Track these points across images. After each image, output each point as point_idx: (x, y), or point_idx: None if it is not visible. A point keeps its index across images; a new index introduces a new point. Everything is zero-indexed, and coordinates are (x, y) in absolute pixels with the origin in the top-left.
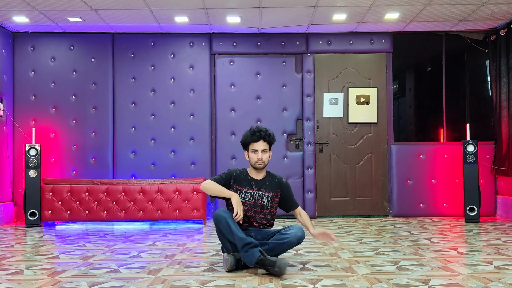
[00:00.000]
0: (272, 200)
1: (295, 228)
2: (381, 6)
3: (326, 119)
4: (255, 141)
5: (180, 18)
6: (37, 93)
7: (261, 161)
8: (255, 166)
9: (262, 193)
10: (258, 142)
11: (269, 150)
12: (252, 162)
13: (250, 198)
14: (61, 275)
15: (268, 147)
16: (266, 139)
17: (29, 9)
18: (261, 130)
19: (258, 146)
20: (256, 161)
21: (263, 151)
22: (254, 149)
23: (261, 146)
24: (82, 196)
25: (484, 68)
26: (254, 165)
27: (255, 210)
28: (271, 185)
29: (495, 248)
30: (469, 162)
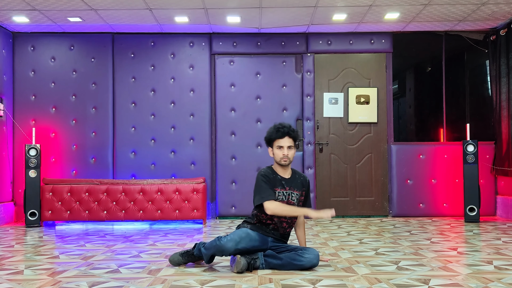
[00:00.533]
0: (299, 199)
1: (313, 254)
2: (381, 6)
3: (326, 119)
4: (280, 138)
5: (180, 18)
6: (37, 93)
7: (286, 157)
8: (281, 162)
9: (292, 191)
10: (284, 139)
11: (294, 147)
12: (277, 158)
13: (283, 198)
14: (61, 275)
15: (293, 144)
16: (291, 135)
17: (29, 9)
18: (286, 126)
19: (284, 142)
20: (281, 157)
21: (288, 147)
22: (280, 146)
23: (287, 142)
24: (82, 196)
25: (484, 68)
26: (279, 161)
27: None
28: (298, 184)
29: (495, 248)
30: (469, 162)
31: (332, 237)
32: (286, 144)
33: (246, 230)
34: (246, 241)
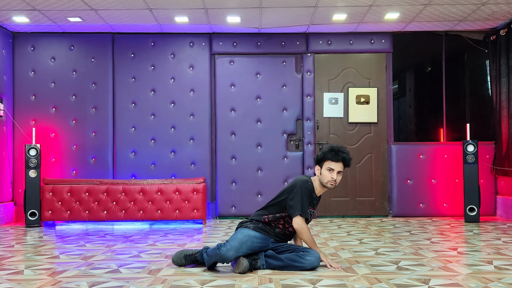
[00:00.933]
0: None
1: (314, 257)
2: (381, 6)
3: (326, 119)
4: (335, 161)
5: (180, 18)
6: (37, 93)
7: (334, 181)
8: (327, 185)
9: (312, 210)
10: (338, 163)
11: (342, 173)
12: (324, 180)
13: (309, 216)
14: (61, 275)
15: (343, 169)
16: (346, 162)
17: (29, 9)
18: (344, 151)
19: (336, 166)
20: (329, 180)
21: (338, 172)
22: (331, 168)
23: (339, 167)
24: (82, 196)
25: (484, 68)
26: (326, 184)
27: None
28: (317, 203)
29: (495, 248)
30: (469, 162)
31: (332, 237)
32: (338, 169)
33: (247, 232)
34: (248, 245)
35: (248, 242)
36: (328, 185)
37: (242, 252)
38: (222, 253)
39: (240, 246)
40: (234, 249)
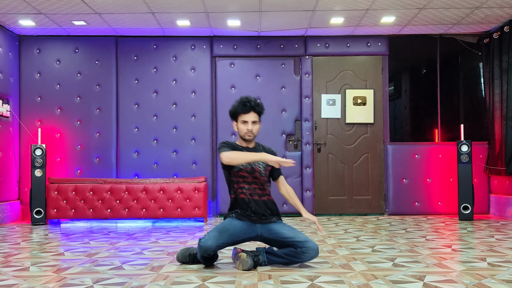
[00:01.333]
0: (266, 167)
1: (313, 250)
2: (377, 10)
3: (324, 120)
4: (245, 112)
5: (182, 22)
6: (43, 94)
7: (251, 132)
8: (245, 137)
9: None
10: (249, 114)
11: (259, 122)
12: (241, 133)
13: (247, 165)
14: (66, 272)
15: (258, 118)
16: (257, 109)
17: (35, 13)
18: (251, 100)
19: (249, 117)
20: (246, 132)
21: (253, 122)
22: (244, 120)
23: (252, 117)
24: (86, 194)
25: (478, 70)
26: (243, 136)
27: (254, 176)
28: (263, 151)
29: (488, 245)
30: (463, 161)
31: (330, 234)
32: (251, 119)
33: (228, 221)
34: (227, 234)
35: (227, 232)
36: (246, 137)
37: (222, 240)
38: (201, 244)
39: (220, 234)
40: (213, 238)
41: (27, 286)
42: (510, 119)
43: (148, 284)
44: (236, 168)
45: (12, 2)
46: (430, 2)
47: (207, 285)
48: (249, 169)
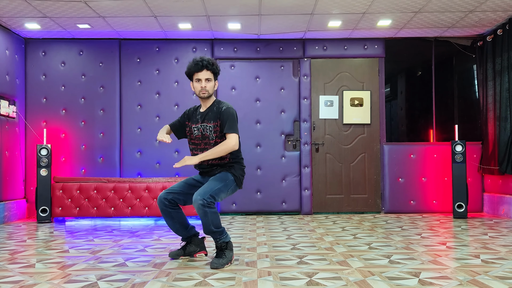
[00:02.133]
0: (214, 130)
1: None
2: (374, 13)
3: (322, 120)
4: (198, 71)
5: (184, 25)
6: (48, 96)
7: (205, 90)
8: (200, 95)
9: (206, 124)
10: (202, 72)
11: (214, 80)
12: (196, 91)
13: (197, 132)
14: (70, 268)
15: (213, 76)
16: (209, 67)
17: (40, 16)
18: (204, 59)
19: (202, 75)
20: (200, 90)
21: (206, 80)
22: (198, 78)
23: (205, 75)
24: (90, 193)
25: (472, 72)
26: (198, 94)
27: (205, 142)
28: (212, 115)
29: (482, 242)
30: (458, 161)
31: (327, 232)
32: (204, 77)
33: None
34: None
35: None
36: (200, 94)
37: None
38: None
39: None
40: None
41: (33, 283)
42: (503, 119)
43: (151, 280)
44: (192, 136)
45: (18, 6)
46: (425, 6)
47: (208, 281)
48: (200, 136)
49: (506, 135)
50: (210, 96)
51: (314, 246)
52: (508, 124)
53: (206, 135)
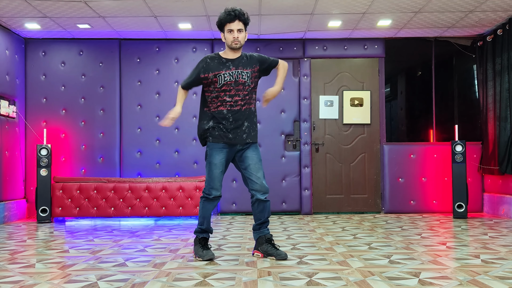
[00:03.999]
0: (251, 76)
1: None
2: (374, 13)
3: (322, 120)
4: (230, 21)
5: (184, 25)
6: (48, 96)
7: (237, 40)
8: (232, 46)
9: (241, 70)
10: (234, 22)
11: (245, 31)
12: (228, 42)
13: (230, 78)
14: (70, 268)
15: (244, 27)
16: (241, 18)
17: (40, 17)
18: (236, 9)
19: (234, 26)
20: (232, 40)
21: (238, 30)
22: (230, 29)
23: (237, 25)
24: (90, 193)
25: (472, 72)
26: (230, 45)
27: (238, 88)
28: (248, 62)
29: (482, 243)
30: (458, 161)
31: (327, 232)
32: (236, 27)
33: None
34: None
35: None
36: (232, 45)
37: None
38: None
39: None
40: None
41: (32, 283)
42: (503, 119)
43: (151, 280)
44: (219, 84)
45: (18, 6)
46: (425, 6)
47: (208, 281)
48: (233, 82)
49: (506, 135)
50: (241, 47)
51: (314, 246)
52: (508, 124)
53: (241, 81)
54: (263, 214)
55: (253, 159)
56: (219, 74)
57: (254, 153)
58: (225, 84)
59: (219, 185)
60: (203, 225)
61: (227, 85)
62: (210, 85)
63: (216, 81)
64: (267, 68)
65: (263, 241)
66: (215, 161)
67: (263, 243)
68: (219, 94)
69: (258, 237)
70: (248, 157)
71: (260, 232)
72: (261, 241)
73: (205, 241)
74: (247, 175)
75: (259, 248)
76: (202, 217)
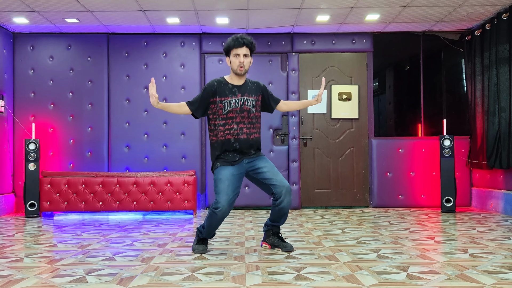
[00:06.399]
0: (255, 104)
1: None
2: (362, 8)
3: (310, 115)
4: (238, 47)
5: (172, 19)
6: (36, 90)
7: (242, 65)
8: (237, 71)
9: (246, 97)
10: (241, 48)
11: (250, 56)
12: (234, 67)
13: (235, 105)
14: (59, 263)
15: (250, 53)
16: (249, 45)
17: (28, 11)
18: (244, 37)
19: (241, 51)
20: (238, 65)
21: (244, 55)
22: (237, 54)
23: (243, 51)
24: (78, 188)
25: (460, 67)
26: (236, 70)
27: (243, 115)
28: (253, 89)
29: (470, 237)
30: (446, 155)
31: (315, 227)
32: (243, 52)
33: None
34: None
35: (218, 182)
36: (238, 70)
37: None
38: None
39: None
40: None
41: (21, 277)
42: (491, 114)
43: (139, 275)
44: (225, 110)
45: (6, 0)
46: (413, 0)
47: (197, 276)
48: (238, 109)
49: (494, 129)
50: (246, 73)
51: (302, 240)
52: (496, 119)
53: (246, 108)
54: (281, 220)
55: (267, 167)
56: (225, 100)
57: (265, 161)
58: (231, 111)
59: (225, 198)
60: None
61: (233, 112)
62: (216, 111)
63: (222, 107)
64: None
65: (271, 233)
66: (220, 176)
67: (271, 236)
68: (226, 122)
69: (266, 230)
70: (262, 167)
71: (270, 227)
72: (269, 234)
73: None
74: (268, 182)
75: (266, 240)
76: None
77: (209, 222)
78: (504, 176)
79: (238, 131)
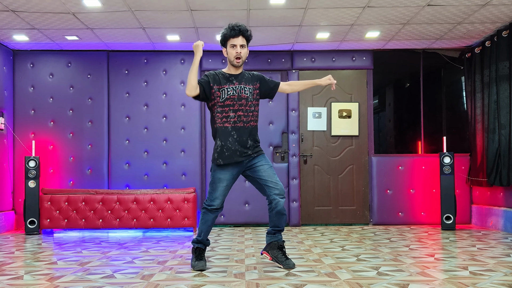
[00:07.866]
0: (253, 92)
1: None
2: (362, 25)
3: (310, 132)
4: (234, 36)
5: (172, 37)
6: (36, 107)
7: (239, 55)
8: (234, 62)
9: (244, 86)
10: (238, 37)
11: (247, 47)
12: (231, 57)
13: (233, 92)
14: (59, 280)
15: (246, 43)
16: (245, 34)
17: (28, 28)
18: (240, 25)
19: (237, 41)
20: (235, 55)
21: (241, 46)
22: (233, 44)
23: (240, 41)
24: (78, 205)
25: (460, 84)
26: (233, 61)
27: (241, 103)
28: (249, 79)
29: (470, 254)
30: (446, 173)
31: (316, 244)
32: (239, 43)
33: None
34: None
35: (217, 181)
36: (235, 62)
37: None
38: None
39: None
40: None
41: None
42: (491, 131)
43: None
44: (222, 98)
45: (6, 17)
46: (413, 17)
47: None
48: (236, 97)
49: (494, 147)
50: (242, 64)
51: (302, 257)
52: (496, 136)
53: (243, 96)
54: (281, 222)
55: (265, 167)
56: (222, 88)
57: (264, 162)
58: (228, 99)
59: (220, 197)
60: (200, 236)
61: (231, 99)
62: (214, 99)
63: (219, 95)
64: (267, 88)
65: (276, 246)
66: (219, 175)
67: (275, 249)
68: (223, 109)
69: (271, 241)
70: (260, 167)
71: (275, 237)
72: (273, 246)
73: (199, 251)
74: (263, 183)
75: (269, 251)
76: (201, 228)
77: (204, 220)
78: (504, 194)
79: (235, 119)
